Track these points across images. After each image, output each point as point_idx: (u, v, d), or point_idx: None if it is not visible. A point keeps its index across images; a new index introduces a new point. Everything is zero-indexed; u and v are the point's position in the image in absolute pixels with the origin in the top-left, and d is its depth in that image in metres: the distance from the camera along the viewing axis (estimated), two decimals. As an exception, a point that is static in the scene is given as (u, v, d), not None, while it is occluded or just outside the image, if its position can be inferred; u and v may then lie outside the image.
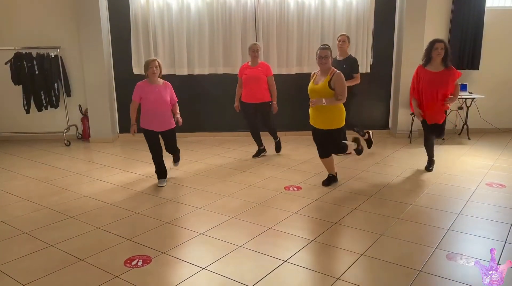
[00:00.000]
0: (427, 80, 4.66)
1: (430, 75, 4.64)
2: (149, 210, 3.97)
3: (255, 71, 5.42)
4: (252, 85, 5.41)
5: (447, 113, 4.93)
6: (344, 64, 5.37)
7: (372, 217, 3.75)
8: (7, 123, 6.92)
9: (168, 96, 4.48)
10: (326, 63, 4.12)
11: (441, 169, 5.12)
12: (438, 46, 4.55)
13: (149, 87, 4.43)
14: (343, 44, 5.44)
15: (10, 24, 6.60)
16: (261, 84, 5.42)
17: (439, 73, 4.62)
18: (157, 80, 4.46)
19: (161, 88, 4.45)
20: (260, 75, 5.41)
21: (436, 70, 4.63)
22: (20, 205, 4.13)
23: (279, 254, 3.09)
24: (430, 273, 2.81)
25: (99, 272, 2.87)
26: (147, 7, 6.53)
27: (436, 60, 4.61)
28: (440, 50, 4.55)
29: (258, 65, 5.46)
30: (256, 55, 5.42)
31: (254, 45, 5.44)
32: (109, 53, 6.75)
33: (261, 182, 4.73)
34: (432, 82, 4.62)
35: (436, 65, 4.65)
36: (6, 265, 2.97)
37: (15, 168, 5.42)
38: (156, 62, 4.39)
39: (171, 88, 4.58)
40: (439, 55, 4.56)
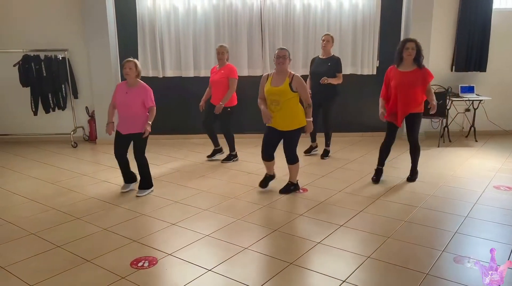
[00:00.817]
0: (398, 80, 4.46)
1: (402, 75, 4.45)
2: (155, 211, 3.98)
3: (218, 74, 5.39)
4: (214, 88, 5.41)
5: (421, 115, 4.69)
6: (329, 63, 5.50)
7: (378, 220, 3.73)
8: (16, 124, 6.98)
9: (139, 99, 4.26)
10: (284, 63, 4.11)
11: (449, 172, 5.09)
12: (409, 45, 4.39)
13: (123, 88, 4.32)
14: (327, 44, 5.50)
15: (19, 27, 6.67)
16: (221, 88, 5.34)
17: (410, 72, 4.43)
18: (133, 82, 4.29)
19: (133, 91, 4.27)
20: (221, 79, 5.34)
21: (407, 70, 4.45)
22: (27, 206, 4.16)
23: (285, 256, 3.08)
24: (437, 276, 2.79)
25: (105, 273, 2.88)
26: (154, 9, 6.57)
27: (408, 60, 4.44)
28: (411, 50, 4.38)
29: (222, 68, 5.41)
30: (221, 57, 5.35)
31: (219, 47, 5.39)
32: (116, 56, 6.79)
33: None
34: (403, 82, 4.43)
35: (407, 65, 4.47)
36: (13, 266, 2.99)
37: (22, 169, 5.46)
38: (131, 63, 4.24)
39: (148, 91, 4.31)
40: (410, 55, 4.39)
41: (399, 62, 4.51)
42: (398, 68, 4.52)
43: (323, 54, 5.59)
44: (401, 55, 4.46)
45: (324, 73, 5.46)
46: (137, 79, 4.32)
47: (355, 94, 6.99)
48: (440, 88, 6.64)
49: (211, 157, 5.74)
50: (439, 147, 6.31)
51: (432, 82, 6.61)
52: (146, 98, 4.30)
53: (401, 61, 4.50)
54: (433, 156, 5.85)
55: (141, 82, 4.36)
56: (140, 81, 4.36)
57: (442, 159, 5.71)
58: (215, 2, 6.58)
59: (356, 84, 6.92)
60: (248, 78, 6.72)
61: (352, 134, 7.03)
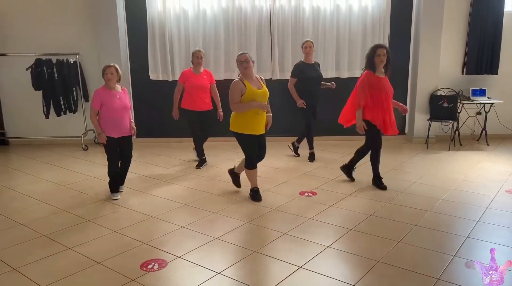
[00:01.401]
0: (380, 87, 4.38)
1: (381, 82, 4.40)
2: (165, 214, 4.00)
3: (200, 79, 5.36)
4: (198, 93, 5.35)
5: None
6: (318, 67, 5.71)
7: (389, 224, 3.70)
8: (28, 127, 7.07)
9: (127, 102, 4.43)
10: (249, 67, 4.08)
11: (459, 176, 5.04)
12: (380, 52, 4.32)
13: (109, 93, 4.30)
14: (310, 49, 5.60)
15: (31, 32, 6.77)
16: (207, 92, 5.42)
17: (385, 79, 4.46)
18: (115, 86, 4.36)
19: (121, 95, 4.38)
20: (206, 84, 5.39)
21: (382, 76, 4.45)
22: (39, 208, 4.21)
23: (294, 260, 3.07)
24: (449, 281, 2.76)
25: (115, 275, 2.90)
26: (164, 13, 6.62)
27: (379, 67, 4.40)
28: (382, 57, 4.33)
29: (203, 72, 5.41)
30: (200, 61, 5.35)
31: (198, 52, 5.37)
32: (126, 59, 6.86)
33: (275, 187, 4.73)
34: (384, 88, 4.40)
35: (380, 72, 4.44)
36: (25, 267, 3.03)
37: (34, 171, 5.53)
38: (112, 68, 4.29)
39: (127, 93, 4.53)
40: (381, 62, 4.35)
41: (374, 69, 4.42)
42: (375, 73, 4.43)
43: (308, 59, 5.66)
44: (372, 61, 4.37)
45: (318, 77, 5.64)
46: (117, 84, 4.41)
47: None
48: (451, 91, 6.59)
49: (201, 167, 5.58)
50: (449, 151, 6.26)
51: (443, 85, 6.68)
52: (128, 101, 4.48)
53: (373, 67, 4.41)
54: (443, 160, 5.80)
55: (122, 87, 4.46)
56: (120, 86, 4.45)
57: (453, 163, 5.65)
58: (225, 6, 6.62)
59: (366, 87, 6.89)
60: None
61: (361, 138, 6.96)
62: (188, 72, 5.42)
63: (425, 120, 6.64)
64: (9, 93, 7.00)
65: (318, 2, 6.60)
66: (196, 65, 5.38)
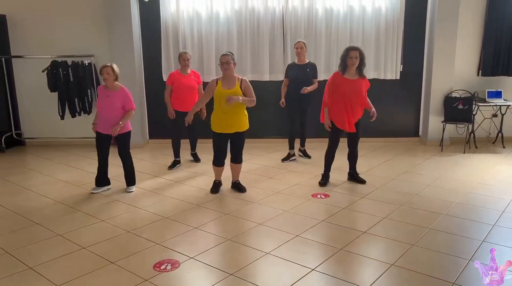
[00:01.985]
0: (344, 88, 4.50)
1: (347, 83, 4.50)
2: (177, 214, 4.02)
3: (188, 80, 5.40)
4: (186, 94, 5.38)
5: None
6: (308, 69, 5.62)
7: (402, 227, 3.67)
8: (43, 128, 7.18)
9: (119, 102, 4.45)
10: (228, 68, 4.30)
11: (475, 179, 4.96)
12: (353, 54, 4.42)
13: (104, 92, 4.50)
14: (301, 50, 5.57)
15: (47, 34, 6.87)
16: (194, 93, 5.44)
17: (355, 81, 4.51)
18: (113, 86, 4.47)
19: (114, 95, 4.45)
20: (194, 84, 5.43)
21: (352, 78, 4.52)
22: (54, 208, 4.27)
23: (306, 262, 3.06)
24: (464, 285, 2.72)
25: (129, 275, 2.93)
26: (177, 15, 6.67)
27: (351, 68, 4.49)
28: (354, 59, 4.42)
29: (190, 73, 5.46)
30: (187, 63, 5.40)
31: (185, 54, 5.42)
32: (140, 61, 6.93)
33: (288, 189, 4.72)
34: (349, 90, 4.49)
35: (352, 73, 4.53)
36: (40, 266, 3.07)
37: (50, 172, 5.61)
38: (108, 68, 4.38)
39: (128, 94, 4.52)
40: (353, 64, 4.44)
41: (344, 70, 4.53)
42: (344, 75, 4.54)
43: (299, 60, 5.67)
44: (345, 63, 4.49)
45: (303, 79, 5.56)
46: (117, 83, 4.50)
47: (377, 99, 6.85)
48: (466, 93, 6.50)
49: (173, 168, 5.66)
50: (464, 154, 6.17)
51: (458, 87, 6.60)
52: (126, 101, 4.50)
53: (345, 69, 4.52)
54: (458, 162, 5.72)
55: (121, 85, 4.54)
56: (121, 85, 4.53)
57: (468, 165, 5.57)
58: (237, 7, 6.64)
59: (379, 89, 6.83)
60: (269, 83, 6.74)
61: (375, 140, 6.95)
62: (176, 73, 5.48)
63: (440, 122, 6.56)
64: (25, 95, 7.12)
65: (331, 3, 6.57)
66: (183, 67, 5.45)
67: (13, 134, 7.11)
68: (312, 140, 6.38)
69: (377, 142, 6.94)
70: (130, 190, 4.72)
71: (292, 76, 5.63)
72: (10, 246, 3.42)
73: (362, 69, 4.52)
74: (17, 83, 7.11)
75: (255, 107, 5.28)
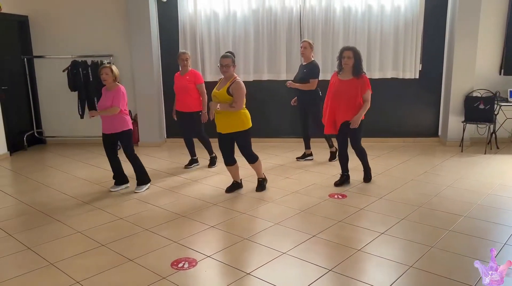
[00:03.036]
0: (334, 88, 4.52)
1: (339, 83, 4.49)
2: (195, 213, 4.05)
3: (183, 80, 5.38)
4: (181, 94, 5.40)
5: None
6: (305, 69, 5.53)
7: (421, 228, 3.62)
8: (63, 127, 7.32)
9: (110, 101, 4.46)
10: (227, 71, 4.28)
11: (496, 180, 4.86)
12: (346, 54, 4.38)
13: (104, 92, 4.58)
14: (304, 50, 5.50)
15: (68, 34, 7.00)
16: (189, 93, 5.35)
17: (347, 81, 4.45)
18: (111, 86, 4.51)
19: (108, 94, 4.50)
20: (187, 84, 5.34)
21: (345, 79, 4.47)
22: (74, 205, 4.35)
23: (324, 262, 3.05)
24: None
25: (147, 273, 2.96)
26: (195, 15, 6.71)
27: (345, 69, 4.46)
28: (347, 59, 4.38)
29: (186, 73, 5.40)
30: (185, 63, 5.37)
31: (183, 54, 5.40)
32: (158, 61, 7.00)
33: (304, 189, 4.70)
34: (339, 90, 4.47)
35: (345, 74, 4.49)
36: (61, 262, 3.14)
37: (69, 169, 5.71)
38: (107, 69, 4.45)
39: (118, 93, 4.47)
40: (346, 64, 4.40)
41: (340, 70, 4.54)
42: (338, 75, 4.55)
43: (304, 60, 5.62)
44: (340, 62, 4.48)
45: (300, 78, 5.52)
46: (115, 83, 4.54)
47: (396, 99, 6.84)
48: (488, 92, 6.36)
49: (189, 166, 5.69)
50: (485, 154, 6.05)
51: (479, 86, 6.47)
52: (114, 98, 4.47)
53: (341, 69, 4.52)
54: (479, 163, 5.61)
55: (118, 85, 4.56)
56: (117, 84, 4.56)
57: (489, 166, 5.46)
58: (255, 7, 6.64)
59: (398, 88, 6.76)
60: (285, 82, 6.71)
61: (393, 140, 6.87)
62: (176, 74, 5.53)
63: (460, 122, 6.43)
64: (46, 94, 7.27)
65: (349, 2, 6.51)
66: (182, 67, 5.46)
67: (35, 133, 7.26)
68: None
69: (395, 142, 6.85)
70: (137, 190, 4.70)
71: (295, 77, 5.69)
72: (31, 242, 3.50)
73: (358, 69, 4.42)
74: (39, 83, 7.26)
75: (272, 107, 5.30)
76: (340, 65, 4.51)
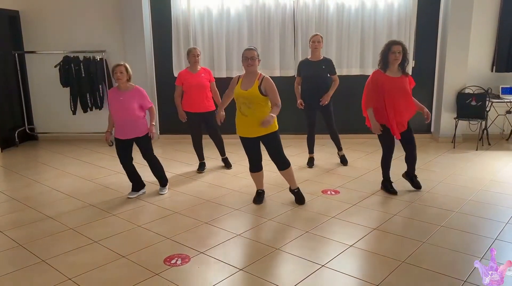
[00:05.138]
0: (387, 88, 4.06)
1: (390, 82, 4.06)
2: (188, 210, 4.05)
3: (198, 78, 4.99)
4: (196, 93, 4.97)
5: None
6: (323, 65, 5.13)
7: (413, 224, 3.64)
8: (55, 123, 7.26)
9: (135, 103, 4.16)
10: (253, 65, 3.80)
11: (488, 176, 4.90)
12: (396, 49, 3.99)
13: (116, 94, 4.19)
14: (318, 45, 5.07)
15: (60, 30, 6.94)
16: (205, 92, 5.03)
17: (399, 79, 4.08)
18: (126, 86, 4.19)
19: (127, 95, 4.15)
20: (203, 82, 5.00)
21: (396, 76, 4.09)
22: (66, 202, 4.32)
23: (316, 258, 3.06)
24: (476, 284, 2.69)
25: (140, 269, 2.95)
26: (188, 12, 6.67)
27: (394, 65, 4.06)
28: (397, 54, 3.99)
29: (200, 71, 5.05)
30: (197, 60, 4.99)
31: (194, 50, 5.01)
32: (151, 56, 6.96)
33: (298, 185, 4.69)
34: (396, 89, 4.06)
35: (394, 71, 4.10)
36: (53, 259, 3.12)
37: (62, 166, 5.67)
38: (121, 67, 4.11)
39: (143, 93, 4.25)
40: (396, 60, 4.01)
41: (386, 67, 4.11)
42: (386, 73, 4.11)
43: (315, 56, 5.16)
44: (387, 59, 4.06)
45: (319, 76, 5.11)
46: (129, 83, 4.23)
47: (389, 95, 6.85)
48: (480, 89, 6.41)
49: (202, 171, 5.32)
50: (477, 151, 6.09)
51: (471, 83, 6.51)
52: (143, 100, 4.23)
53: (387, 66, 4.10)
54: (471, 159, 5.65)
55: (134, 85, 4.27)
56: (133, 84, 4.26)
57: (480, 163, 5.50)
58: (248, 3, 6.62)
59: (391, 85, 6.78)
60: (280, 78, 6.70)
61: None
62: (185, 72, 5.08)
63: (452, 118, 6.48)
64: (38, 90, 7.20)
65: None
66: (192, 64, 5.03)
67: (26, 129, 7.20)
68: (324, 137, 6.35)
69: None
70: (162, 192, 4.48)
71: (307, 74, 5.13)
72: (23, 239, 3.47)
73: (405, 66, 4.10)
74: (30, 79, 7.19)
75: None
76: (386, 62, 4.07)
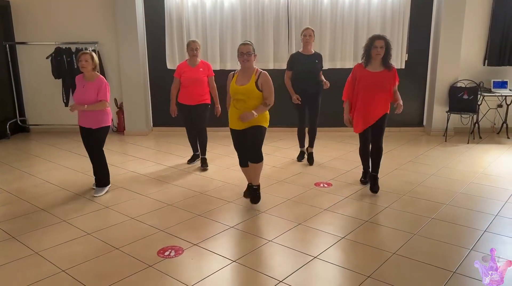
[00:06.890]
0: (365, 82, 4.04)
1: (369, 76, 4.03)
2: (181, 202, 4.05)
3: (196, 72, 4.92)
4: (193, 87, 4.92)
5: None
6: (316, 60, 5.08)
7: (405, 216, 3.68)
8: (48, 115, 7.21)
9: (95, 93, 4.08)
10: (249, 60, 3.71)
11: (478, 169, 4.96)
12: (378, 44, 3.93)
13: (81, 82, 4.16)
14: (309, 38, 4.99)
15: (51, 20, 6.86)
16: (203, 86, 4.96)
17: (378, 73, 4.02)
18: (91, 75, 4.11)
19: (89, 85, 4.09)
20: (201, 77, 4.93)
21: (376, 71, 4.04)
22: (59, 194, 4.31)
23: (309, 250, 3.09)
24: (465, 275, 2.74)
25: (133, 261, 2.96)
26: (182, 4, 6.62)
27: (376, 60, 4.01)
28: (379, 49, 3.93)
29: (199, 65, 4.96)
30: (196, 53, 4.90)
31: (193, 43, 4.91)
32: (144, 48, 6.91)
33: (291, 177, 4.73)
34: (371, 83, 4.02)
35: (375, 65, 4.04)
36: (47, 251, 3.12)
37: (54, 158, 5.64)
38: (87, 55, 4.04)
39: (101, 85, 4.11)
40: (378, 55, 3.96)
41: (367, 62, 4.08)
42: (366, 67, 4.08)
43: (305, 50, 5.07)
44: (369, 54, 4.02)
45: (312, 71, 5.05)
46: (95, 72, 4.15)
47: (382, 89, 6.88)
48: (471, 83, 6.46)
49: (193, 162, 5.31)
50: (468, 144, 6.16)
51: (464, 76, 6.55)
52: (100, 91, 4.10)
53: (369, 60, 4.06)
54: (462, 153, 5.71)
55: (99, 75, 4.18)
56: (98, 75, 4.19)
57: (472, 156, 5.56)
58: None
59: (384, 78, 6.80)
60: (273, 71, 6.69)
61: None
62: (184, 65, 5.01)
63: (444, 112, 6.53)
64: (29, 81, 7.13)
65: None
66: (191, 57, 4.94)
67: (18, 121, 7.14)
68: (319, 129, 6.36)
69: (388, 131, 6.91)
70: (97, 194, 4.21)
71: (299, 69, 5.03)
72: (15, 231, 3.46)
73: (387, 61, 4.04)
74: (21, 70, 7.12)
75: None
76: (368, 56, 4.04)
